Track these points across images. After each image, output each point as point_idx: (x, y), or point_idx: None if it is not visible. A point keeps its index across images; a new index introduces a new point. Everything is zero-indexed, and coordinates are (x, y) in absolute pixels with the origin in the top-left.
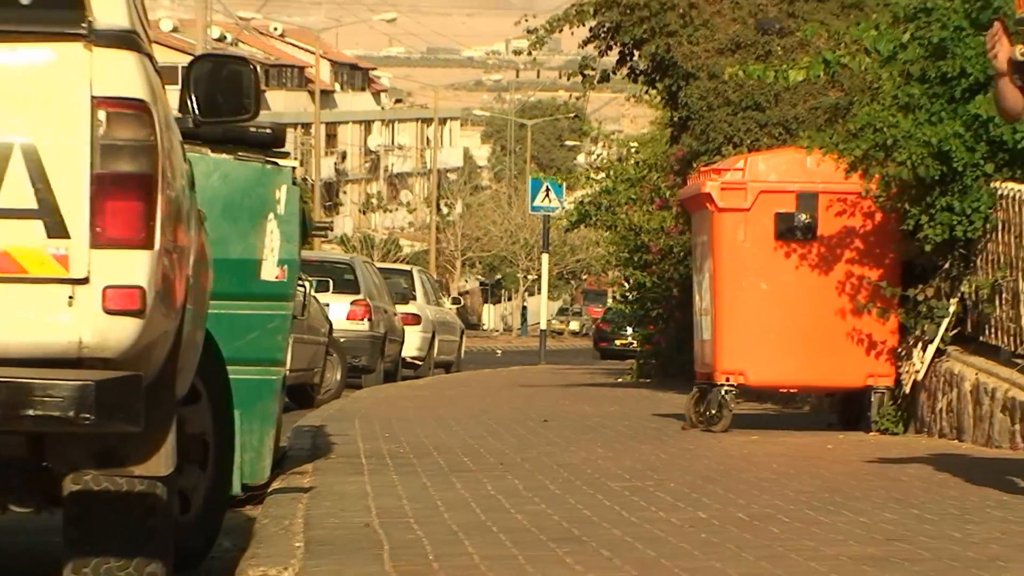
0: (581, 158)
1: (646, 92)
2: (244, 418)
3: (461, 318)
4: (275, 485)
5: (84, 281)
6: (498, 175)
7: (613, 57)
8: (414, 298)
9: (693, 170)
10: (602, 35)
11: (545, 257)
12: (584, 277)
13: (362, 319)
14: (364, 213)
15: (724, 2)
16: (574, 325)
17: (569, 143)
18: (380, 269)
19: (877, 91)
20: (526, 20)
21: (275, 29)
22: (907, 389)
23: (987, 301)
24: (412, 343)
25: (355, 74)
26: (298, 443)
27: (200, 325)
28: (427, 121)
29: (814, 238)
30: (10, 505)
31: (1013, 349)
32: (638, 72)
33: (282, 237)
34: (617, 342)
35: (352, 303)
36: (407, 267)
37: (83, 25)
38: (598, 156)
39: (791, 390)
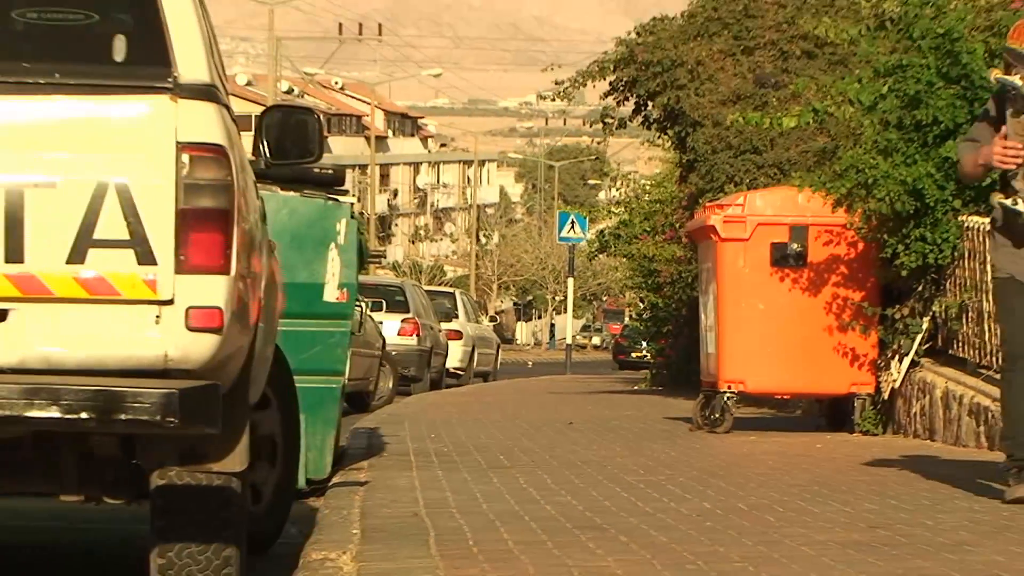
0: (602, 195)
1: (658, 138)
2: (308, 421)
3: (497, 334)
4: (335, 479)
5: (170, 302)
6: (530, 210)
7: (630, 107)
8: (456, 316)
9: (699, 206)
10: (620, 88)
11: (571, 281)
12: (604, 298)
13: (411, 335)
14: (413, 243)
15: (726, 60)
16: (596, 340)
17: (591, 182)
18: (427, 291)
19: (859, 137)
20: (552, 69)
21: (336, 83)
22: (885, 396)
23: (955, 319)
24: (455, 356)
25: (405, 122)
26: (355, 443)
27: (270, 340)
28: (468, 163)
29: (805, 265)
30: (105, 497)
31: (978, 361)
32: (651, 120)
33: (342, 264)
34: (633, 355)
35: (403, 321)
36: (450, 290)
37: (169, 80)
38: (618, 190)
39: (785, 396)
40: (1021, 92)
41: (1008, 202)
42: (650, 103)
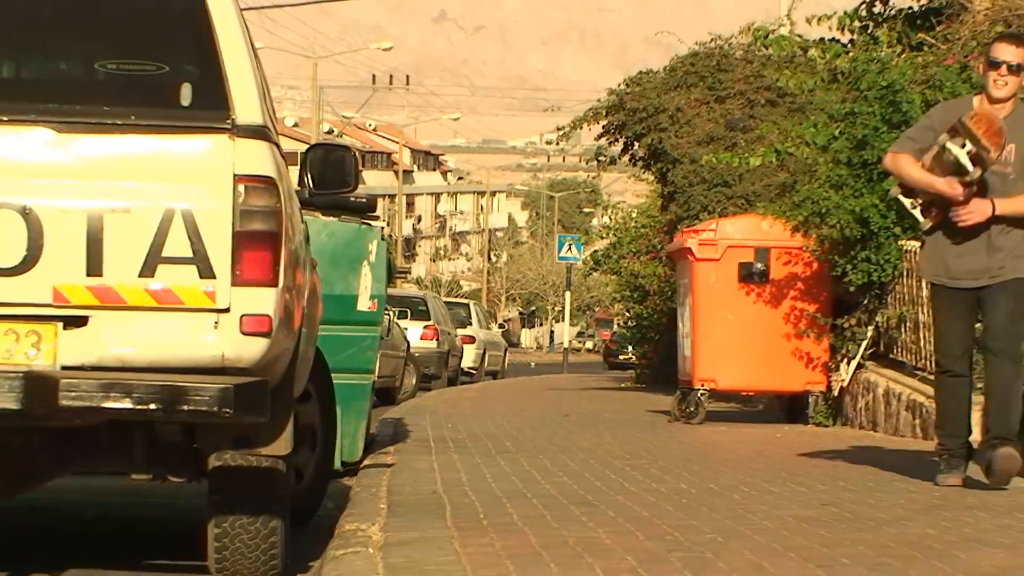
0: (595, 221)
1: (643, 173)
2: (343, 412)
3: (505, 339)
4: (366, 462)
5: (226, 311)
6: (533, 234)
7: (619, 147)
8: (470, 324)
9: (678, 230)
10: (611, 131)
11: (568, 294)
12: (597, 309)
13: (432, 339)
14: (434, 261)
15: (702, 107)
16: (589, 344)
17: (586, 210)
18: (445, 302)
19: (815, 173)
20: (552, 111)
21: (369, 125)
22: (835, 393)
23: (895, 328)
24: (468, 357)
25: (428, 158)
26: (383, 431)
27: (312, 343)
28: (481, 193)
29: (767, 281)
30: (169, 476)
31: (914, 364)
32: (638, 158)
33: (373, 279)
34: (621, 357)
35: (424, 327)
36: (465, 301)
37: (228, 122)
38: (609, 217)
39: (750, 393)
40: (962, 167)
41: (908, 203)
42: (636, 143)
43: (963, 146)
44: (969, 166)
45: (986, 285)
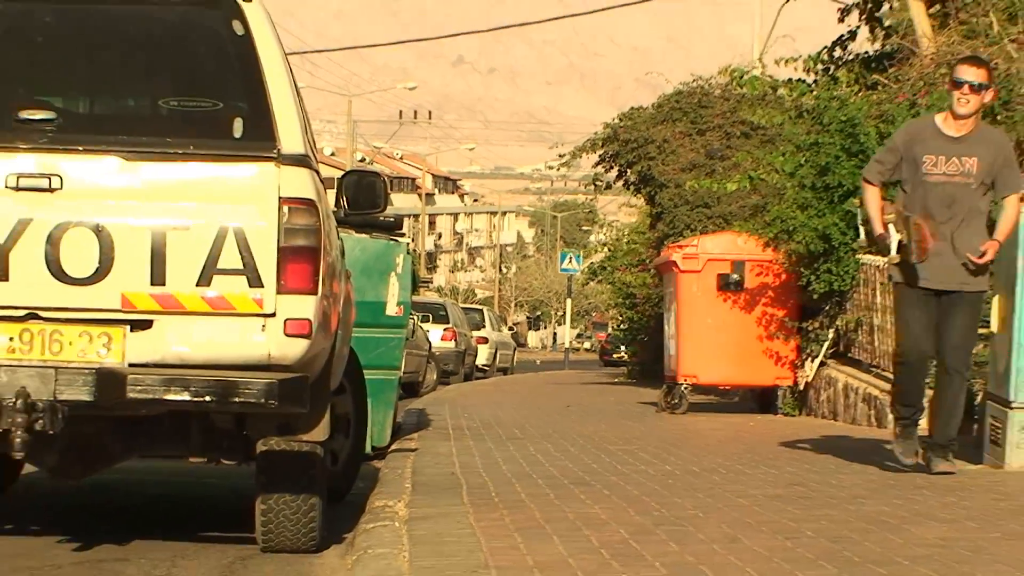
0: (593, 237)
1: (635, 195)
2: (373, 403)
3: (514, 340)
4: (393, 447)
5: (272, 315)
6: (539, 248)
7: (613, 173)
8: (484, 326)
9: (664, 246)
10: (606, 159)
11: (568, 301)
12: (594, 314)
13: (450, 340)
14: (452, 272)
15: (685, 138)
16: (587, 345)
17: (585, 228)
18: (462, 308)
19: (783, 196)
20: (558, 146)
21: (397, 154)
22: (801, 387)
23: (853, 331)
24: (482, 356)
25: (448, 183)
26: (408, 420)
27: (346, 343)
28: (493, 213)
29: (742, 290)
30: (222, 459)
31: (870, 362)
32: (630, 183)
33: (400, 287)
34: (615, 356)
35: (444, 330)
36: (480, 307)
37: (274, 151)
38: (605, 234)
39: (727, 387)
40: (888, 248)
41: (892, 237)
42: (628, 170)
43: (899, 233)
44: (893, 251)
45: (949, 292)
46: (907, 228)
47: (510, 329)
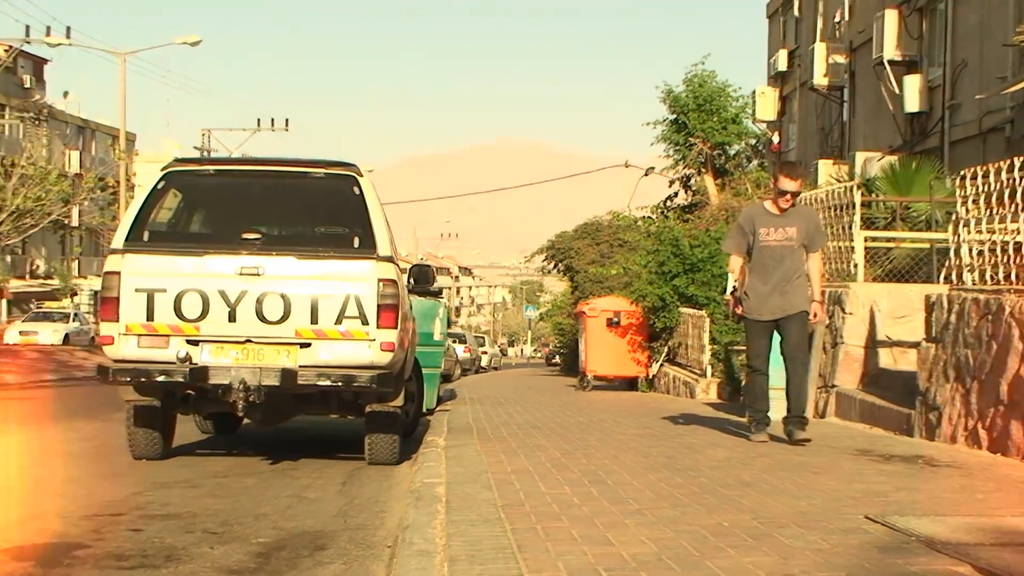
0: (542, 299)
1: (562, 277)
2: (427, 385)
3: (502, 352)
4: (437, 410)
5: (374, 340)
6: (514, 304)
7: (551, 265)
8: (485, 345)
9: (579, 303)
10: (548, 258)
11: (529, 332)
12: (543, 338)
13: (467, 353)
14: (469, 317)
15: (590, 247)
16: (540, 355)
17: (538, 294)
18: (474, 335)
19: (640, 277)
20: (524, 251)
21: (439, 255)
22: (651, 377)
23: (676, 348)
24: (484, 360)
25: (465, 270)
26: (445, 395)
27: (412, 353)
28: (490, 286)
29: (619, 326)
30: (348, 415)
31: (685, 363)
32: (562, 270)
33: (440, 325)
34: (554, 360)
35: (464, 347)
36: (482, 335)
37: (375, 255)
38: (550, 298)
39: (612, 377)
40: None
41: (730, 294)
42: (560, 263)
43: (734, 282)
44: (728, 292)
45: (781, 318)
46: (742, 282)
47: (499, 347)
